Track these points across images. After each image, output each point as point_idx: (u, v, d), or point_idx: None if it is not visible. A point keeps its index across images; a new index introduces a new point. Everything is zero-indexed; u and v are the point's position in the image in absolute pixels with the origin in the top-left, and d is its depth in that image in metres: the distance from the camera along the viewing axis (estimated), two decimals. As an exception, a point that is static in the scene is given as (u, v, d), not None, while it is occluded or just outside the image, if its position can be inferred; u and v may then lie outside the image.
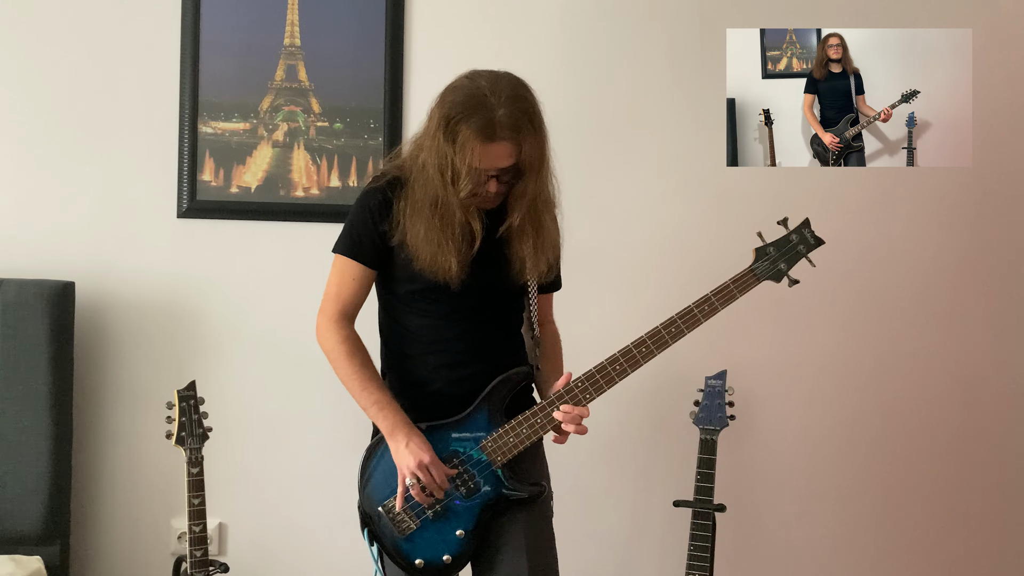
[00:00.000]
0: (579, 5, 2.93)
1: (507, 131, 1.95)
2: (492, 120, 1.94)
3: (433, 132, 1.98)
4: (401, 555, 2.09)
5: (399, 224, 2.06)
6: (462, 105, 1.95)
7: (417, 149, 2.06)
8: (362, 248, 2.11)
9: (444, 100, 1.99)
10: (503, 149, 1.97)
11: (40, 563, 2.52)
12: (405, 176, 2.08)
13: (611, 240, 2.94)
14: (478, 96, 1.95)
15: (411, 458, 2.02)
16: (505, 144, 1.96)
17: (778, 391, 3.00)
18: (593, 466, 2.92)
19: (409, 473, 2.03)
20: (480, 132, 1.93)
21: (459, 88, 1.99)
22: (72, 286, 2.67)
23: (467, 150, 1.94)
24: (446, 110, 1.97)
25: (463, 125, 1.94)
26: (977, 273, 3.05)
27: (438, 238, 2.02)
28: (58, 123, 2.81)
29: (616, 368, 2.07)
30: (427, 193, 2.02)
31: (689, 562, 2.57)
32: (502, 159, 1.98)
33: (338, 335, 2.11)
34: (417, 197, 2.03)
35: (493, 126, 1.94)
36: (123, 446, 2.84)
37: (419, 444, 2.03)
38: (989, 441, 3.07)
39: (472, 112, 1.94)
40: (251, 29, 2.84)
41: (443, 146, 1.96)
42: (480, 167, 1.96)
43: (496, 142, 1.95)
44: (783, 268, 2.13)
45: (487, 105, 1.94)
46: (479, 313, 2.13)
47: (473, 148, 1.94)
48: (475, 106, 1.94)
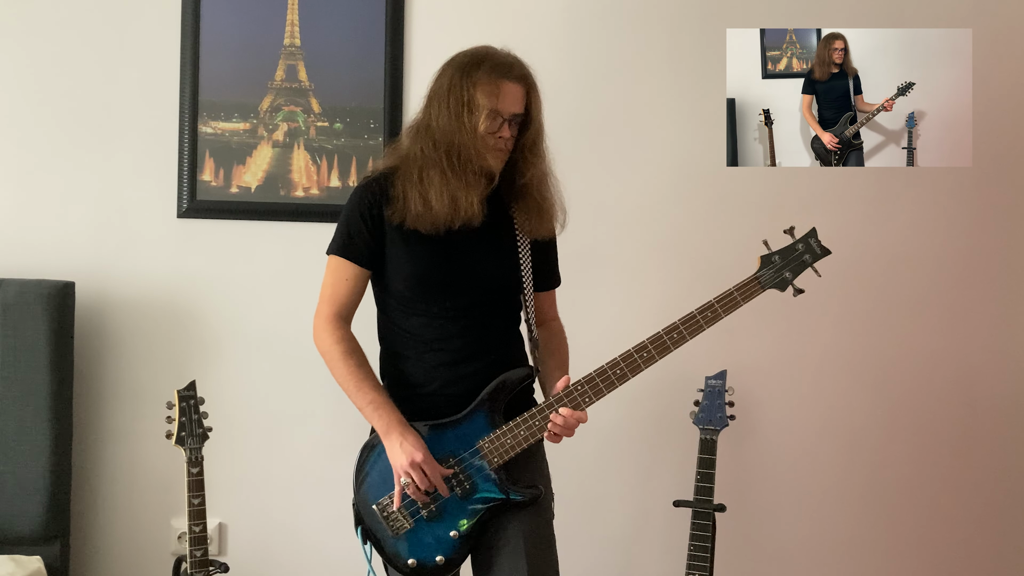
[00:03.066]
0: (579, 5, 2.93)
1: (518, 70, 2.08)
2: (507, 62, 2.08)
3: (447, 85, 2.07)
4: (395, 554, 2.09)
5: (401, 198, 2.08)
6: (474, 55, 2.09)
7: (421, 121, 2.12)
8: (355, 247, 2.12)
9: (453, 60, 2.11)
10: (517, 91, 2.07)
11: (40, 563, 2.52)
12: (400, 163, 2.12)
13: (611, 240, 2.94)
14: (487, 49, 2.11)
15: (404, 457, 2.02)
16: (518, 87, 2.08)
17: (778, 391, 3.00)
18: (593, 466, 2.92)
19: (403, 472, 2.03)
20: (497, 69, 2.06)
21: (463, 51, 2.12)
22: (72, 286, 2.67)
23: (488, 88, 2.04)
24: (458, 61, 2.09)
25: (480, 66, 2.06)
26: (977, 273, 3.05)
27: (456, 180, 2.06)
28: (58, 123, 2.81)
29: (617, 372, 2.07)
30: (442, 142, 2.06)
31: (689, 562, 2.57)
32: (516, 103, 2.07)
33: (333, 336, 2.11)
34: (429, 153, 2.08)
35: (509, 66, 2.07)
36: (123, 446, 2.84)
37: (413, 443, 2.03)
38: (989, 441, 3.07)
39: (486, 57, 2.08)
40: (251, 29, 2.84)
41: (461, 88, 2.05)
42: (497, 107, 2.05)
43: (511, 81, 2.06)
44: (788, 277, 2.12)
45: (496, 52, 2.10)
46: (477, 311, 2.13)
47: (496, 84, 2.05)
48: (487, 54, 2.09)
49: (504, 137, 2.07)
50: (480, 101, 2.03)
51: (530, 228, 2.17)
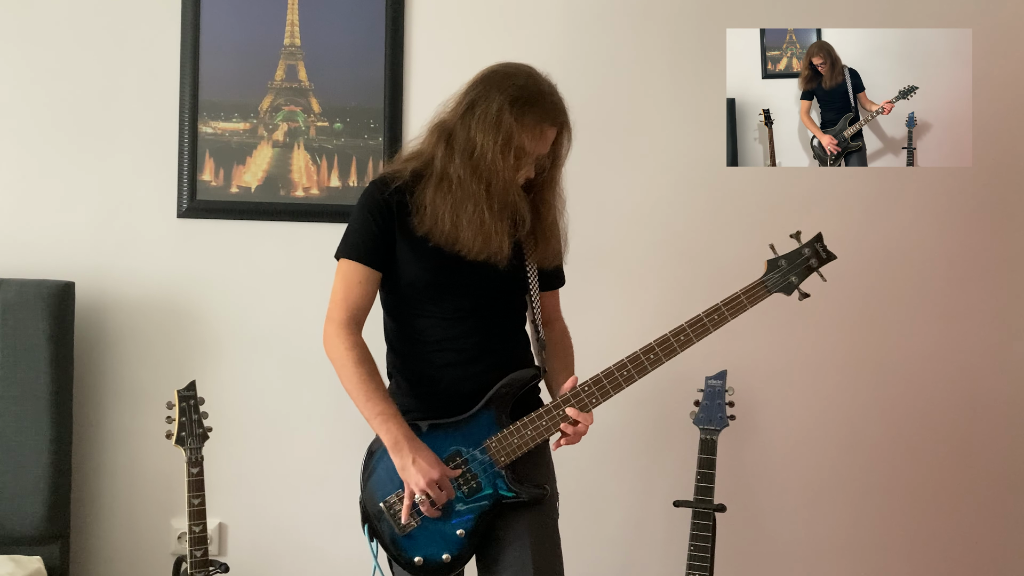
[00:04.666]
0: (580, 5, 2.93)
1: (563, 115, 2.07)
2: (556, 105, 2.05)
3: (495, 114, 2.00)
4: (401, 552, 2.09)
5: (430, 214, 2.06)
6: (525, 89, 2.03)
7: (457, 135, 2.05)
8: (365, 250, 2.10)
9: (502, 84, 2.03)
10: (553, 134, 2.07)
11: (40, 563, 2.52)
12: (425, 169, 2.10)
13: (610, 240, 2.94)
14: (536, 82, 2.05)
15: (420, 477, 2.01)
16: (554, 130, 2.06)
17: (778, 391, 3.00)
18: (593, 466, 2.92)
19: (419, 491, 2.02)
20: (547, 115, 2.04)
21: (514, 74, 2.06)
22: (72, 286, 2.67)
23: (534, 133, 2.02)
24: (511, 93, 2.01)
25: (532, 108, 2.01)
26: (977, 273, 3.05)
27: (492, 220, 2.04)
28: (58, 123, 2.81)
29: (624, 374, 2.08)
30: (483, 176, 2.03)
31: (689, 562, 2.57)
32: (548, 144, 2.07)
33: (346, 342, 2.08)
34: (467, 181, 2.03)
35: (557, 110, 2.05)
36: (123, 446, 2.84)
37: (427, 459, 2.02)
38: (989, 441, 3.07)
39: (537, 96, 2.03)
40: (251, 29, 2.84)
41: (510, 128, 2.00)
42: (536, 151, 2.04)
43: (554, 126, 2.05)
44: (794, 281, 2.14)
45: (545, 91, 2.05)
46: (484, 311, 2.13)
47: (541, 130, 2.03)
48: (539, 91, 2.04)
49: (530, 177, 2.09)
50: (527, 146, 2.02)
51: (534, 254, 2.18)
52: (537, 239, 2.16)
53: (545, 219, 2.15)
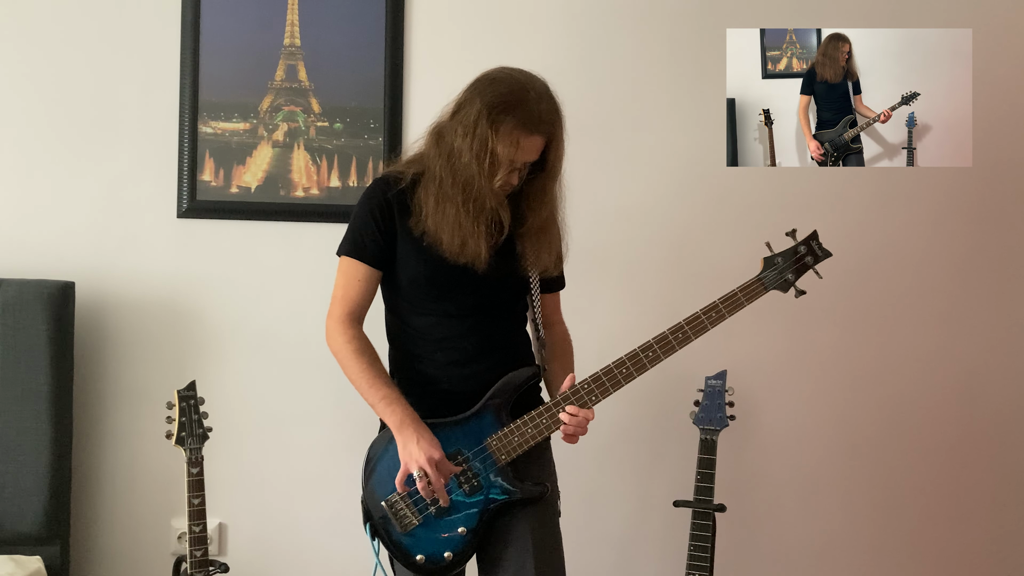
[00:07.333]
0: (579, 5, 2.93)
1: (545, 126, 2.02)
2: (535, 114, 2.00)
3: (474, 120, 2.00)
4: (402, 550, 2.10)
5: (424, 215, 2.07)
6: (506, 96, 2.00)
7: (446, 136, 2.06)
8: (366, 248, 2.12)
9: (485, 90, 2.02)
10: (538, 143, 2.03)
11: (40, 563, 2.52)
12: (425, 172, 2.10)
13: (610, 240, 2.94)
14: (521, 89, 2.01)
15: (421, 454, 2.02)
16: (540, 139, 2.03)
17: (778, 391, 3.00)
18: (593, 466, 2.92)
19: (417, 467, 2.03)
20: (524, 124, 1.99)
21: (499, 80, 2.04)
22: (72, 286, 2.67)
23: (509, 140, 1.99)
24: (489, 99, 2.00)
25: (508, 116, 1.98)
26: (977, 273, 3.05)
27: (470, 224, 2.04)
28: (58, 123, 2.81)
29: (623, 372, 2.09)
30: (460, 179, 2.03)
31: (689, 562, 2.57)
32: (533, 152, 2.04)
33: (345, 335, 2.11)
34: (447, 183, 2.05)
35: (536, 119, 2.00)
36: (123, 446, 2.84)
37: (430, 440, 2.04)
38: (989, 441, 3.07)
39: (516, 104, 1.99)
40: (251, 29, 2.84)
41: (485, 134, 1.99)
42: (515, 159, 2.02)
43: (535, 135, 2.01)
44: (791, 278, 2.16)
45: (529, 99, 2.00)
46: (485, 310, 2.14)
47: (516, 139, 1.99)
48: (519, 99, 2.00)
49: (512, 184, 2.07)
50: (500, 153, 2.00)
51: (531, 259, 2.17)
52: (529, 246, 2.15)
53: (533, 227, 2.13)
